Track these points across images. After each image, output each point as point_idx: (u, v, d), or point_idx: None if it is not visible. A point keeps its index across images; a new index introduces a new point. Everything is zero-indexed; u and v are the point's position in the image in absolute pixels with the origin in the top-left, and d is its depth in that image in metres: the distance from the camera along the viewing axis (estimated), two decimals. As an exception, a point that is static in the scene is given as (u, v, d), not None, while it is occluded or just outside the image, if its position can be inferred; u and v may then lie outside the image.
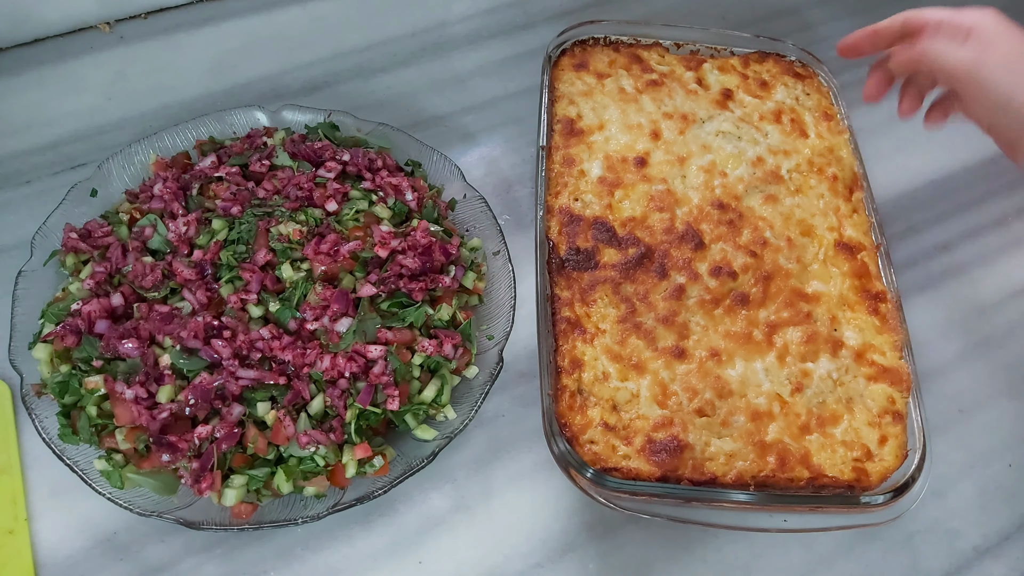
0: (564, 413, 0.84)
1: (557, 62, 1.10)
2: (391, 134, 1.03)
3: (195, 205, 0.92)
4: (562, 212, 0.96)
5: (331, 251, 0.87)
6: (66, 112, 1.10)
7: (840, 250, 0.97)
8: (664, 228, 0.96)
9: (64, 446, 0.78)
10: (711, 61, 1.13)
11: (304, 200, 0.92)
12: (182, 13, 1.23)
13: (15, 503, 0.82)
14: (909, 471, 0.82)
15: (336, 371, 0.81)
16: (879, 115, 1.24)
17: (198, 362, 0.80)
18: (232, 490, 0.77)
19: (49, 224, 0.90)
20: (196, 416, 0.78)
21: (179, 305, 0.83)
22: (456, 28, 1.26)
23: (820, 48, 1.17)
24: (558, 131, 1.03)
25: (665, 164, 1.01)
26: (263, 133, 1.00)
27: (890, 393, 0.88)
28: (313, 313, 0.84)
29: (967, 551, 0.89)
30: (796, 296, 0.93)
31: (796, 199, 1.01)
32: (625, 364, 0.87)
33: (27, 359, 0.82)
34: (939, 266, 1.10)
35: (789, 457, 0.83)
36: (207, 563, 0.81)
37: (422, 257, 0.89)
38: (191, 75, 1.16)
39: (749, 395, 0.87)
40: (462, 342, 0.88)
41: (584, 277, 0.92)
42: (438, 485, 0.87)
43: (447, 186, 1.02)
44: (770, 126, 1.07)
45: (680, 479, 0.81)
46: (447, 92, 1.18)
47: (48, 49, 1.16)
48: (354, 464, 0.80)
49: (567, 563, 0.84)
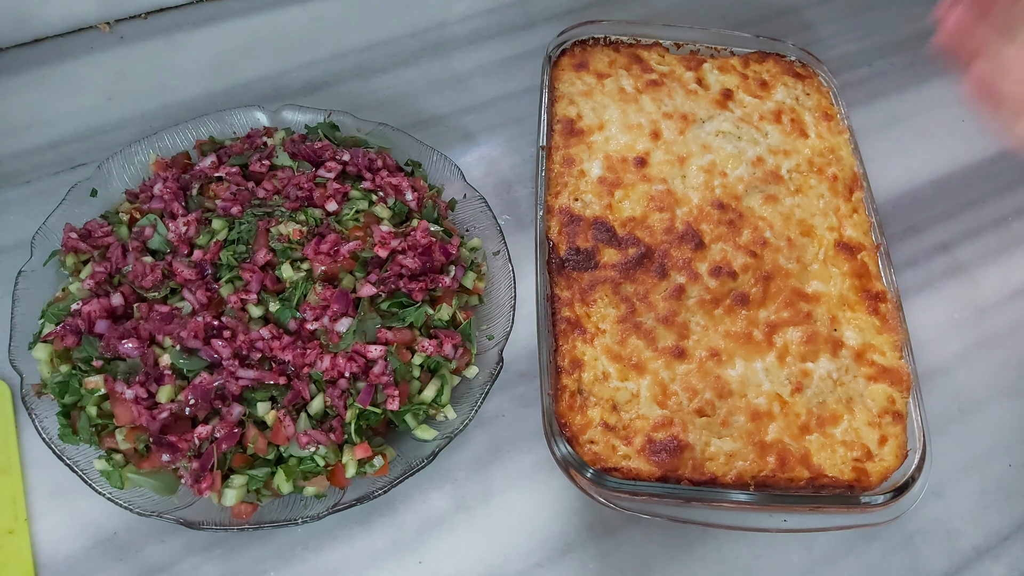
0: (564, 413, 0.84)
1: (557, 62, 1.10)
2: (391, 134, 1.03)
3: (195, 205, 0.92)
4: (562, 212, 0.96)
5: (331, 251, 0.87)
6: (66, 112, 1.10)
7: (840, 250, 0.97)
8: (664, 228, 0.96)
9: (64, 446, 0.78)
10: (711, 61, 1.13)
11: (304, 200, 0.92)
12: (182, 13, 1.23)
13: (15, 503, 0.82)
14: (909, 471, 0.83)
15: (336, 371, 0.81)
16: (879, 115, 1.25)
17: (198, 362, 0.80)
18: (232, 490, 0.77)
19: (49, 224, 0.90)
20: (196, 416, 0.78)
21: (179, 305, 0.83)
22: (456, 28, 1.26)
23: (820, 48, 1.17)
24: (558, 131, 1.03)
25: (665, 164, 1.01)
26: (263, 133, 1.00)
27: (890, 393, 0.88)
28: (313, 313, 0.84)
29: (967, 551, 0.89)
30: (796, 296, 0.93)
31: (796, 199, 1.01)
32: (625, 364, 0.87)
33: (27, 359, 0.82)
34: (939, 266, 1.10)
35: (789, 457, 0.83)
36: (207, 563, 0.81)
37: (422, 257, 0.89)
38: (191, 75, 1.16)
39: (749, 395, 0.87)
40: (462, 342, 0.88)
41: (584, 277, 0.92)
42: (438, 485, 0.87)
43: (447, 186, 1.01)
44: (770, 126, 1.07)
45: (680, 479, 0.81)
46: (447, 92, 1.18)
47: (48, 49, 1.16)
48: (354, 464, 0.80)
49: (567, 563, 0.84)
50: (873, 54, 1.33)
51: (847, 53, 1.32)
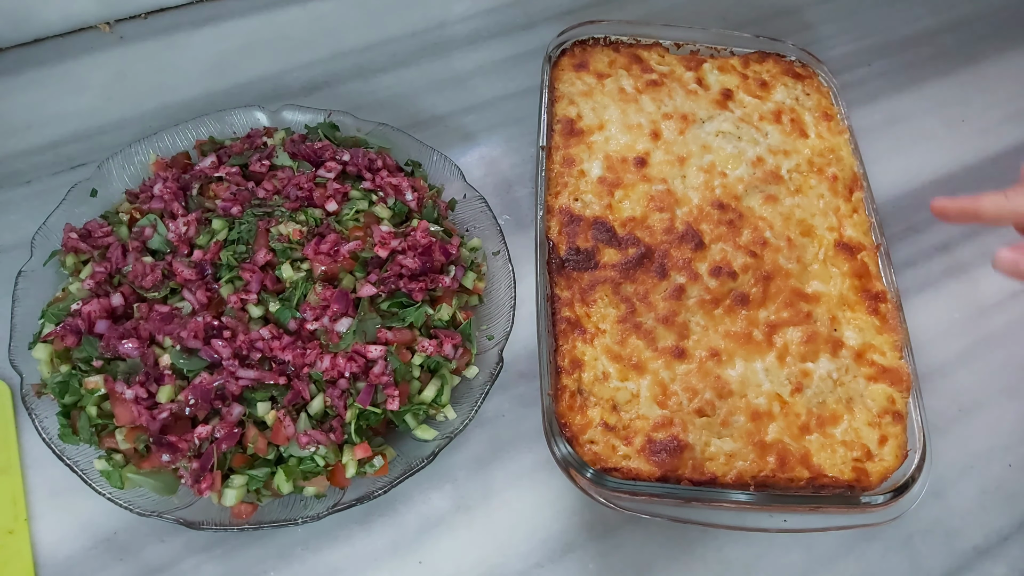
0: (564, 413, 0.84)
1: (557, 62, 1.10)
2: (391, 134, 1.03)
3: (195, 205, 0.92)
4: (562, 212, 0.96)
5: (331, 251, 0.87)
6: (66, 112, 1.10)
7: (840, 250, 0.97)
8: (664, 228, 0.96)
9: (64, 446, 0.78)
10: (711, 61, 1.13)
11: (304, 200, 0.92)
12: (182, 13, 1.23)
13: (15, 503, 0.82)
14: (909, 471, 0.82)
15: (336, 371, 0.81)
16: (879, 115, 1.25)
17: (198, 362, 0.80)
18: (232, 490, 0.77)
19: (49, 224, 0.90)
20: (196, 416, 0.78)
21: (179, 305, 0.83)
22: (456, 28, 1.26)
23: (820, 48, 1.17)
24: (558, 131, 1.03)
25: (665, 164, 1.01)
26: (263, 133, 1.00)
27: (890, 393, 0.88)
28: (313, 313, 0.84)
29: (967, 551, 0.89)
30: (796, 296, 0.93)
31: (796, 199, 1.01)
32: (625, 364, 0.87)
33: (27, 359, 0.82)
34: (939, 266, 1.10)
35: (789, 457, 0.83)
36: (207, 563, 0.81)
37: (422, 257, 0.89)
38: (191, 75, 1.16)
39: (749, 395, 0.87)
40: (462, 342, 0.88)
41: (584, 277, 0.92)
42: (438, 485, 0.87)
43: (447, 186, 1.01)
44: (770, 126, 1.07)
45: (680, 479, 0.81)
46: (447, 92, 1.18)
47: (48, 49, 1.16)
48: (354, 464, 0.80)
49: (567, 563, 0.84)
50: (873, 54, 1.33)
51: (847, 53, 1.32)
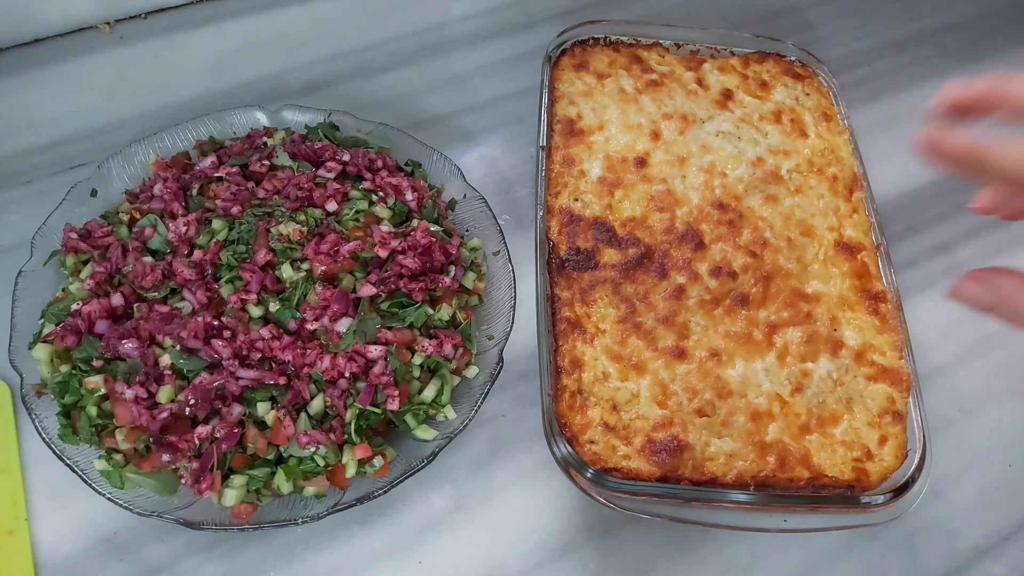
0: (564, 413, 0.84)
1: (557, 62, 1.10)
2: (391, 134, 1.03)
3: (195, 205, 0.92)
4: (562, 212, 0.96)
5: (331, 251, 0.87)
6: (66, 112, 1.10)
7: (840, 250, 0.97)
8: (664, 228, 0.96)
9: (64, 446, 0.78)
10: (711, 61, 1.13)
11: (304, 200, 0.92)
12: (182, 13, 1.23)
13: (15, 503, 0.82)
14: (909, 471, 0.82)
15: (336, 371, 0.81)
16: (879, 115, 1.25)
17: (198, 362, 0.80)
18: (232, 490, 0.77)
19: (49, 224, 0.90)
20: (196, 416, 0.78)
21: (179, 305, 0.83)
22: (456, 28, 1.26)
23: (820, 48, 1.17)
24: (558, 131, 1.03)
25: (665, 164, 1.01)
26: (263, 133, 1.00)
27: (890, 393, 0.88)
28: (313, 313, 0.84)
29: (967, 551, 0.89)
30: (796, 296, 0.93)
31: (796, 199, 1.01)
32: (625, 364, 0.87)
33: (27, 359, 0.82)
34: (939, 266, 1.10)
35: (789, 457, 0.83)
36: (207, 563, 0.81)
37: (422, 257, 0.89)
38: (191, 75, 1.16)
39: (749, 395, 0.87)
40: (462, 342, 0.88)
41: (584, 277, 0.92)
42: (438, 485, 0.87)
43: (447, 186, 1.01)
44: (770, 126, 1.07)
45: (680, 479, 0.81)
46: (447, 92, 1.18)
47: (48, 49, 1.16)
48: (354, 464, 0.80)
49: (567, 563, 0.84)
50: (873, 54, 1.33)
51: (847, 53, 1.32)
